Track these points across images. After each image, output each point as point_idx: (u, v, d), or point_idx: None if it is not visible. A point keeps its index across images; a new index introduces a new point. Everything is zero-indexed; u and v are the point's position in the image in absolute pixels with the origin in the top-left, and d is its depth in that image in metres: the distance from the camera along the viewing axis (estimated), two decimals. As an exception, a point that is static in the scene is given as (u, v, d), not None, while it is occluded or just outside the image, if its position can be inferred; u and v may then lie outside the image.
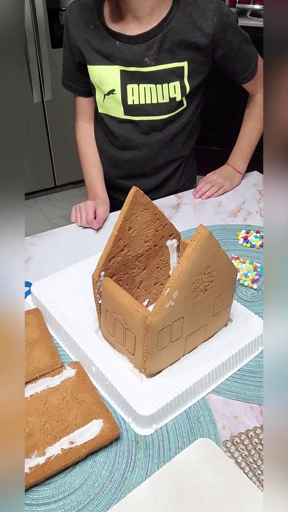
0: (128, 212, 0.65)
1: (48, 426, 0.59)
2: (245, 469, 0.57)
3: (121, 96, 1.02)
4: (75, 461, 0.57)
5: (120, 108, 1.04)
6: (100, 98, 1.06)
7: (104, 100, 1.05)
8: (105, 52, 0.99)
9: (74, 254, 0.94)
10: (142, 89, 1.01)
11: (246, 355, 0.71)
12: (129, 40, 0.96)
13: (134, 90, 1.01)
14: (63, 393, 0.63)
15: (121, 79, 1.00)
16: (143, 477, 0.57)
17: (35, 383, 0.64)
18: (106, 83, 1.01)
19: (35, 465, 0.55)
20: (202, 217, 1.08)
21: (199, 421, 0.63)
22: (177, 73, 0.99)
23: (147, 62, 0.97)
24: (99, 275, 0.65)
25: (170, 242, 0.73)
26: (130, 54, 0.97)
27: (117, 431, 0.59)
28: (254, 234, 0.99)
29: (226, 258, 0.63)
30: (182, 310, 0.61)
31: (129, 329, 0.62)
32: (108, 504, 0.54)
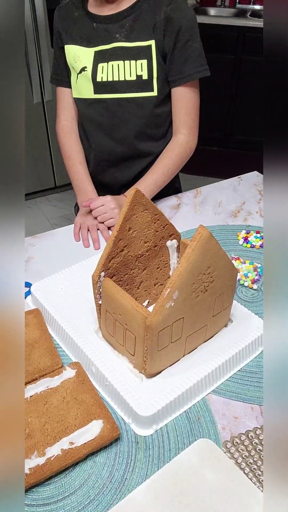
0: (128, 213, 0.65)
1: (48, 426, 0.59)
2: (245, 470, 0.57)
3: (91, 73, 1.05)
4: (75, 461, 0.57)
5: (90, 86, 1.07)
6: (74, 79, 1.09)
7: (77, 80, 1.08)
8: (82, 33, 1.05)
9: (74, 254, 0.94)
10: (110, 66, 1.04)
11: (246, 356, 0.71)
12: (104, 20, 1.03)
13: (104, 68, 1.04)
14: (63, 393, 0.63)
15: (93, 58, 1.05)
16: (143, 477, 0.57)
17: (35, 383, 0.64)
18: (80, 61, 1.06)
19: (35, 466, 0.55)
20: (202, 217, 1.08)
21: (199, 421, 0.63)
22: (145, 52, 1.02)
23: (117, 38, 1.02)
24: (99, 275, 0.65)
25: (170, 243, 0.73)
26: (104, 32, 1.03)
27: (117, 431, 0.59)
28: (254, 235, 0.99)
29: (226, 259, 0.63)
30: (182, 310, 0.61)
31: (129, 329, 0.62)
32: (108, 504, 0.54)
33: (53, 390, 0.63)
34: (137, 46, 1.01)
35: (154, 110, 1.08)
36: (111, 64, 1.03)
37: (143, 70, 1.02)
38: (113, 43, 1.02)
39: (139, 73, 1.03)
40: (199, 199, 1.15)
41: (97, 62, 1.04)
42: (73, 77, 1.09)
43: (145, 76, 1.03)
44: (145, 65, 1.02)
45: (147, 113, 1.08)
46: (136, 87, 1.04)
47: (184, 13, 0.99)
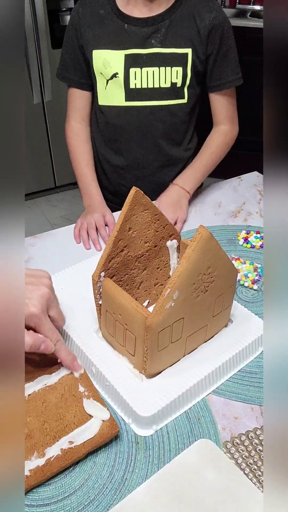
0: (128, 213, 0.65)
1: (47, 426, 0.59)
2: (245, 470, 0.57)
3: (124, 79, 1.02)
4: (75, 461, 0.57)
5: (122, 93, 1.04)
6: (103, 86, 1.05)
7: (106, 87, 1.05)
8: (112, 35, 1.00)
9: (74, 254, 0.94)
10: (144, 72, 1.01)
11: (246, 356, 0.71)
12: (137, 23, 0.99)
13: (136, 73, 1.01)
14: (61, 390, 0.63)
15: (125, 63, 1.01)
16: (143, 478, 0.57)
17: (33, 381, 0.64)
18: (110, 66, 1.02)
19: (35, 467, 0.55)
20: (202, 217, 1.08)
21: (199, 422, 0.63)
22: (180, 59, 1.00)
23: (153, 44, 0.99)
24: (99, 275, 0.65)
25: (170, 243, 0.73)
26: (136, 36, 0.99)
27: (116, 429, 0.59)
28: (254, 235, 0.99)
29: (226, 259, 0.63)
30: (182, 310, 0.61)
31: (129, 329, 0.62)
32: (108, 505, 0.54)
33: (51, 387, 0.63)
34: (173, 53, 1.00)
35: (184, 117, 1.09)
36: (145, 71, 1.01)
37: (178, 78, 1.02)
38: (149, 48, 1.00)
39: (174, 81, 1.02)
40: (199, 199, 1.15)
41: (129, 67, 1.01)
42: (101, 83, 1.06)
43: (179, 83, 1.03)
44: (180, 73, 1.01)
45: (177, 120, 1.09)
46: (169, 95, 1.04)
47: (225, 19, 1.00)
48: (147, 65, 1.01)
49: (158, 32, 0.99)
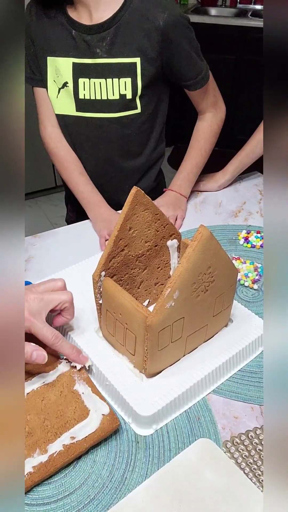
0: (129, 212, 0.65)
1: (48, 423, 0.59)
2: (245, 470, 0.57)
3: (73, 89, 0.98)
4: (77, 456, 0.57)
5: (72, 103, 1.00)
6: (54, 94, 1.01)
7: (58, 95, 1.01)
8: (60, 41, 0.96)
9: (75, 254, 0.94)
10: (92, 83, 0.96)
11: (247, 356, 0.71)
12: (84, 30, 0.93)
13: (85, 84, 0.97)
14: (60, 388, 0.63)
15: (73, 71, 0.97)
16: (143, 477, 0.57)
17: (31, 380, 0.64)
18: (61, 75, 0.98)
19: (38, 464, 0.55)
20: (203, 217, 1.08)
21: (199, 421, 0.63)
22: (129, 69, 0.94)
23: (98, 53, 0.94)
24: (100, 275, 0.65)
25: (170, 242, 0.73)
26: (83, 44, 0.94)
27: (116, 422, 0.59)
28: (254, 235, 0.99)
29: (226, 259, 0.63)
30: (183, 310, 0.61)
31: (130, 329, 0.62)
32: (108, 504, 0.54)
33: (49, 385, 0.63)
34: (120, 63, 0.94)
35: (140, 127, 1.03)
36: (93, 82, 0.96)
37: (127, 89, 0.96)
38: (94, 58, 0.94)
39: (122, 92, 0.96)
40: (199, 198, 1.15)
41: (77, 76, 0.97)
42: (54, 91, 1.01)
43: (129, 95, 0.97)
44: (129, 84, 0.95)
45: (131, 131, 1.03)
46: (118, 107, 0.98)
47: (181, 16, 0.92)
48: (94, 76, 0.96)
49: (103, 41, 0.93)
